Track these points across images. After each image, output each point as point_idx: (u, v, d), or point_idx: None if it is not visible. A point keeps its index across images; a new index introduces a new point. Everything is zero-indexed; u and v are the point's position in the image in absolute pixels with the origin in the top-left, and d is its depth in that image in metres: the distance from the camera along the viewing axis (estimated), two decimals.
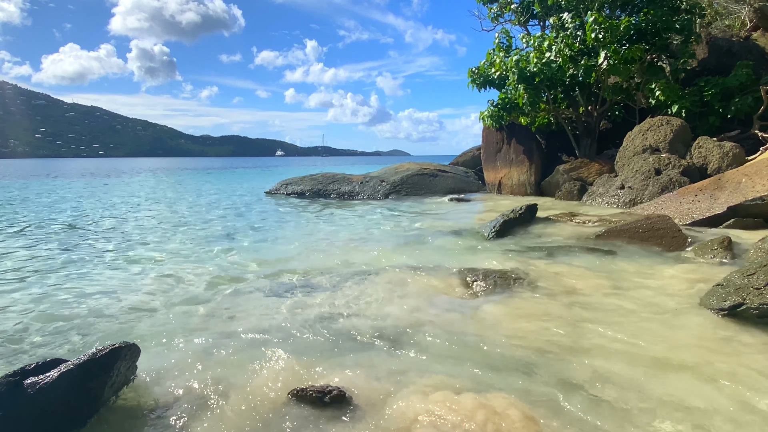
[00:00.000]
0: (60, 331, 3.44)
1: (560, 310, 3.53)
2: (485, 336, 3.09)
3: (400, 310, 3.61)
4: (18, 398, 2.00)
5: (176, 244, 6.96)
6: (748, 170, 6.69)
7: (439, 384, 2.42)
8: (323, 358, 2.82)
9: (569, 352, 2.81)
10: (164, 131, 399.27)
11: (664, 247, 5.19)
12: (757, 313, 3.00)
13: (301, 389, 2.25)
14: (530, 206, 6.89)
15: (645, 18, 10.20)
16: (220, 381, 2.57)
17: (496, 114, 12.37)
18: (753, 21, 11.80)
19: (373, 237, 7.10)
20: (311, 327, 3.33)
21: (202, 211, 11.35)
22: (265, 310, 3.74)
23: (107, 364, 2.21)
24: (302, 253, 6.10)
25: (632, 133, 10.03)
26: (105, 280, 4.93)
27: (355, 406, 2.25)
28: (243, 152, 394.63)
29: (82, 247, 6.71)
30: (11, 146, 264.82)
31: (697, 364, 2.58)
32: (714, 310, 3.24)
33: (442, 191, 13.61)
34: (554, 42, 10.94)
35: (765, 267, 3.19)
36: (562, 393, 2.34)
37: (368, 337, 3.12)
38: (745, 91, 9.76)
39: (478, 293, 4.00)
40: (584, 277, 4.39)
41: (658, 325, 3.16)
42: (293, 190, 15.10)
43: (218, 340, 3.14)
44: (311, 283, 4.51)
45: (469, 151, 17.70)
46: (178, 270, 5.25)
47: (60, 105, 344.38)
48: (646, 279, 4.27)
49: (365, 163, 58.99)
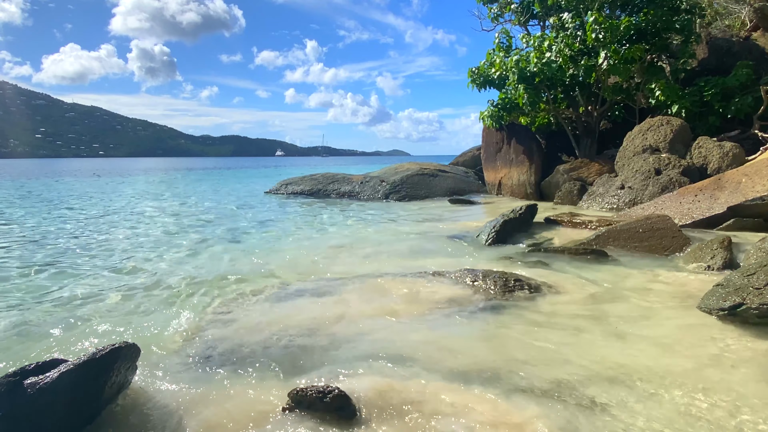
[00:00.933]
0: (60, 330, 3.44)
1: (561, 312, 3.53)
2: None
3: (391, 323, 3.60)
4: (18, 398, 2.00)
5: (176, 246, 6.96)
6: (748, 170, 6.69)
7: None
8: (317, 361, 2.82)
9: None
10: (164, 131, 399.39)
11: (664, 247, 5.19)
12: (757, 313, 3.00)
13: (301, 389, 2.25)
14: (530, 206, 6.89)
15: (645, 18, 10.20)
16: (220, 381, 2.57)
17: (496, 114, 12.37)
18: (753, 21, 11.79)
19: (372, 239, 7.10)
20: (304, 331, 3.33)
21: (201, 212, 11.35)
22: (263, 313, 3.74)
23: (107, 364, 2.20)
24: (302, 253, 6.10)
25: (632, 133, 10.03)
26: (95, 279, 4.93)
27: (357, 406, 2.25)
28: (243, 152, 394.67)
29: (82, 247, 6.71)
30: (11, 146, 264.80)
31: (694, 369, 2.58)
32: (714, 310, 3.24)
33: (442, 191, 13.62)
34: (554, 42, 10.94)
35: (765, 267, 3.19)
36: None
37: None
38: (745, 91, 9.75)
39: (479, 302, 3.99)
40: (584, 277, 4.39)
41: (658, 326, 3.16)
42: (293, 190, 15.10)
43: (218, 339, 3.14)
44: (307, 288, 4.51)
45: (469, 151, 17.70)
46: (177, 270, 5.25)
47: (60, 105, 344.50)
48: (645, 279, 4.27)
49: (365, 163, 58.97)
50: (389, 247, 6.36)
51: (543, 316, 3.41)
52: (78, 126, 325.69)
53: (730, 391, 2.28)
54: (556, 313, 3.48)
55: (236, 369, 2.72)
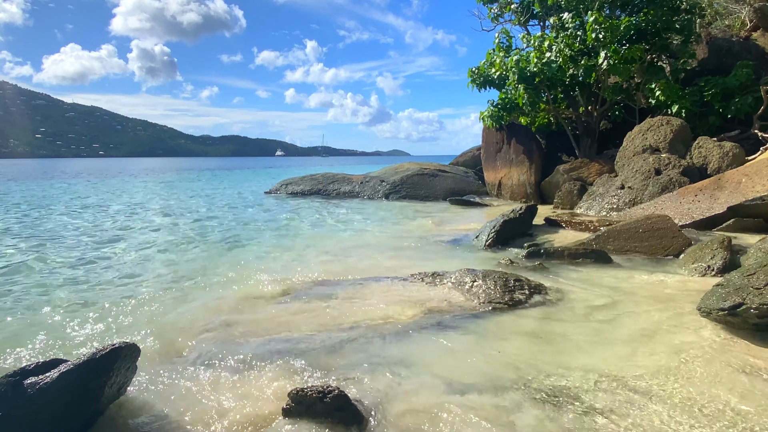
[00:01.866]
0: (60, 330, 3.44)
1: (561, 313, 3.53)
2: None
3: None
4: (18, 398, 2.00)
5: (175, 246, 6.96)
6: (748, 170, 6.69)
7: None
8: (318, 361, 2.83)
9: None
10: (164, 131, 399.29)
11: (664, 247, 5.19)
12: (757, 313, 3.00)
13: (301, 389, 2.25)
14: (530, 206, 6.88)
15: (645, 18, 10.19)
16: (220, 380, 2.57)
17: (496, 114, 12.36)
18: (753, 21, 11.79)
19: (371, 240, 7.09)
20: (303, 330, 3.33)
21: (201, 212, 11.34)
22: (262, 314, 3.74)
23: (107, 364, 2.20)
24: (301, 254, 6.10)
25: (632, 133, 10.02)
26: (96, 279, 4.93)
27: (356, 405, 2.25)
28: (243, 152, 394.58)
29: (80, 244, 6.71)
30: (11, 146, 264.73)
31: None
32: (714, 310, 3.24)
33: (442, 191, 13.62)
34: (554, 42, 10.93)
35: (765, 267, 3.18)
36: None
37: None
38: (745, 91, 9.75)
39: (477, 306, 3.99)
40: (584, 278, 4.39)
41: (658, 327, 3.16)
42: (293, 190, 15.10)
43: (219, 339, 3.14)
44: (303, 290, 4.51)
45: (469, 151, 17.69)
46: (175, 271, 5.25)
47: (60, 105, 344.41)
48: (645, 280, 4.27)
49: (365, 163, 58.96)
50: (388, 247, 6.35)
51: (543, 316, 3.41)
52: (78, 126, 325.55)
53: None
54: (556, 314, 3.48)
55: (236, 369, 2.72)
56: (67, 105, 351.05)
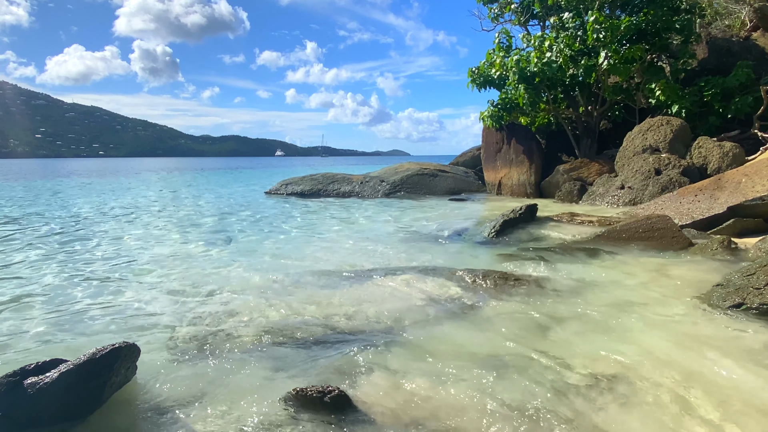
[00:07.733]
0: (60, 330, 3.44)
1: (561, 312, 3.53)
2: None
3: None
4: (18, 398, 2.00)
5: (175, 247, 6.96)
6: (748, 170, 6.69)
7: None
8: (312, 357, 2.83)
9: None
10: (164, 131, 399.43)
11: (664, 247, 5.19)
12: (757, 313, 3.01)
13: (301, 389, 2.25)
14: (530, 206, 6.89)
15: (645, 18, 10.21)
16: (221, 380, 2.57)
17: (496, 114, 12.38)
18: (753, 21, 11.80)
19: (370, 239, 7.10)
20: (300, 327, 3.33)
21: (201, 213, 11.35)
22: (263, 309, 3.74)
23: (107, 364, 2.21)
24: (300, 256, 6.10)
25: (632, 133, 10.04)
26: (95, 278, 4.93)
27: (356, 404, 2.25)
28: (243, 152, 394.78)
29: (82, 244, 6.72)
30: (11, 146, 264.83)
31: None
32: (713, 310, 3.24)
33: (442, 191, 13.62)
34: (554, 42, 10.94)
35: (765, 267, 3.19)
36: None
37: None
38: (745, 91, 9.76)
39: (476, 302, 3.99)
40: (583, 279, 4.39)
41: (657, 327, 3.16)
42: (293, 190, 15.10)
43: (218, 339, 3.14)
44: (301, 290, 4.51)
45: (469, 151, 17.70)
46: (176, 270, 5.25)
47: (60, 105, 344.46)
48: (645, 280, 4.27)
49: (365, 163, 58.99)
50: (388, 246, 6.35)
51: (543, 316, 3.41)
52: (78, 126, 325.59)
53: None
54: (555, 313, 3.48)
55: (236, 368, 2.72)
56: (67, 105, 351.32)
